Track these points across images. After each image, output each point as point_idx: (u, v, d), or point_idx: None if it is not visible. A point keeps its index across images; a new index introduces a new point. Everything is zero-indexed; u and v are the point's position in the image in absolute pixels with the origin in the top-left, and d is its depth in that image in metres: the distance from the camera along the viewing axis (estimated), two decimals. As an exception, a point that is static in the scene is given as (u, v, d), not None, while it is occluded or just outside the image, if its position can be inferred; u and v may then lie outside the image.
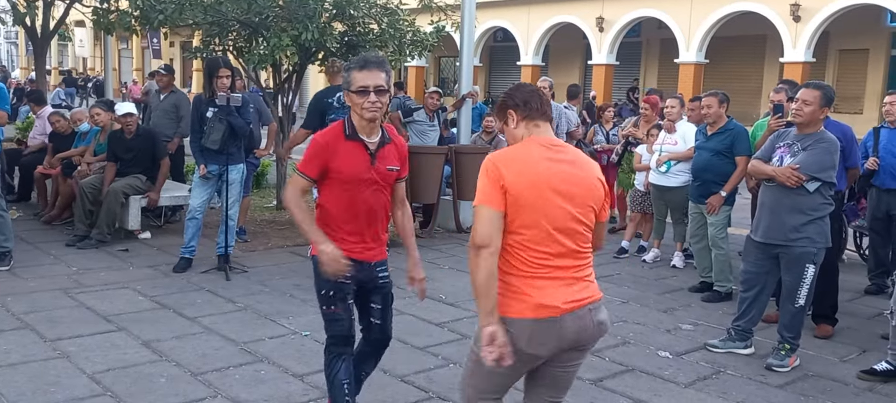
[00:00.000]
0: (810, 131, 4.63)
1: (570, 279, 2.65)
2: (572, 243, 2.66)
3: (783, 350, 4.70)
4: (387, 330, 3.54)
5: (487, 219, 2.58)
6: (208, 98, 6.37)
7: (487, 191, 2.60)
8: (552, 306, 2.59)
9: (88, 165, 7.80)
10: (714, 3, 20.02)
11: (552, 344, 2.63)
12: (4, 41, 52.30)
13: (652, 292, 6.41)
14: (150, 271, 6.44)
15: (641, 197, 7.74)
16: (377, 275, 3.45)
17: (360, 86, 3.22)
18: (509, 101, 2.78)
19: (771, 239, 4.70)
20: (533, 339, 2.60)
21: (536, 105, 2.75)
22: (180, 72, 34.39)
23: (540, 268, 2.61)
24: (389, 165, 3.37)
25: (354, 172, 3.28)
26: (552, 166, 2.65)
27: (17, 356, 4.42)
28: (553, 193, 2.61)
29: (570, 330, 2.63)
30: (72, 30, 25.98)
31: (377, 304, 3.49)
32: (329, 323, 3.39)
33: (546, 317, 2.59)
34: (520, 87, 2.83)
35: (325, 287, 3.33)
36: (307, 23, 8.12)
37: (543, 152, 2.68)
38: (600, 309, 2.75)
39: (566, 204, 2.63)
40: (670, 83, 21.47)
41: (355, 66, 3.25)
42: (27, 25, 12.29)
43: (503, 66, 28.38)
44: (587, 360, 4.66)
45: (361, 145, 3.30)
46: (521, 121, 2.75)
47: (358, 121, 3.31)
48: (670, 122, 7.15)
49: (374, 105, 3.23)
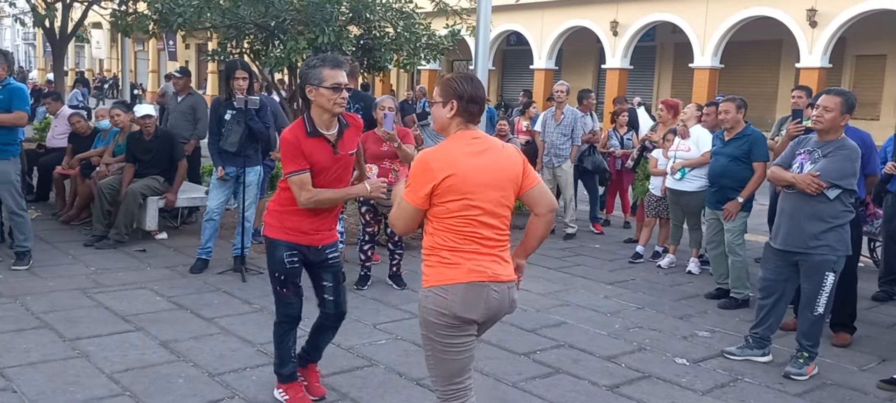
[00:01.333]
0: (831, 138, 4.60)
1: (494, 255, 2.93)
2: (497, 224, 2.93)
3: (801, 359, 4.68)
4: (341, 305, 3.90)
5: (406, 214, 2.93)
6: (226, 100, 6.41)
7: (413, 188, 2.88)
8: (481, 271, 2.88)
9: (107, 166, 7.86)
10: (730, 8, 19.92)
11: (481, 309, 2.89)
12: (23, 42, 52.77)
13: (667, 298, 6.38)
14: (168, 272, 6.48)
15: (657, 201, 7.72)
16: (327, 256, 3.81)
17: (334, 82, 3.54)
18: (459, 90, 2.92)
19: (790, 247, 4.67)
20: (466, 302, 2.86)
21: (475, 111, 2.94)
22: (195, 74, 34.60)
23: (471, 243, 2.89)
24: (350, 150, 3.75)
25: (321, 165, 3.62)
26: (481, 160, 2.89)
27: (37, 355, 4.46)
28: (482, 186, 2.87)
29: (494, 299, 2.91)
30: (89, 31, 26.23)
31: (329, 282, 3.84)
32: (280, 304, 3.82)
33: (476, 281, 2.87)
34: (475, 87, 2.94)
35: (277, 270, 3.73)
36: (324, 26, 8.17)
37: (472, 147, 2.91)
38: (514, 288, 3.03)
39: (491, 191, 2.90)
40: (685, 88, 21.39)
41: (328, 65, 3.55)
42: (46, 27, 12.41)
43: (516, 69, 28.34)
44: (603, 366, 4.69)
45: (323, 139, 3.63)
46: (458, 116, 2.93)
47: (320, 116, 3.61)
48: (684, 127, 7.13)
49: (344, 100, 3.59)
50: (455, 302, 2.85)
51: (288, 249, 3.71)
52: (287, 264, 3.70)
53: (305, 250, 3.75)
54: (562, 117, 8.61)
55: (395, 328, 5.28)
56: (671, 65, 24.72)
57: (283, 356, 3.91)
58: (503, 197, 2.94)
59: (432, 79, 28.31)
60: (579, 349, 5.03)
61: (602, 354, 4.94)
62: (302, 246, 3.74)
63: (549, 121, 8.73)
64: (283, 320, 3.86)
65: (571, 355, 4.92)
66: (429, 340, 2.96)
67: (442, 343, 2.92)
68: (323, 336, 4.01)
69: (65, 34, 13.02)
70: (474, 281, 2.87)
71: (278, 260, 3.72)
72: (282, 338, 3.89)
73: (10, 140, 6.21)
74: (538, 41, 24.67)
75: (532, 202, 3.03)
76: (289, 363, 3.92)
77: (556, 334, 5.30)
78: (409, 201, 2.90)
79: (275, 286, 3.80)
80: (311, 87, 3.58)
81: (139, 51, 41.69)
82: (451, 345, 2.92)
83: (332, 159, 3.65)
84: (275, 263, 3.74)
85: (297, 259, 3.74)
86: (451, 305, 2.85)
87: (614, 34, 22.52)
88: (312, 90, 3.58)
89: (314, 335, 4.01)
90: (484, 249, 2.90)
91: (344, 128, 3.72)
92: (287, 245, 3.71)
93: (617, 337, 5.31)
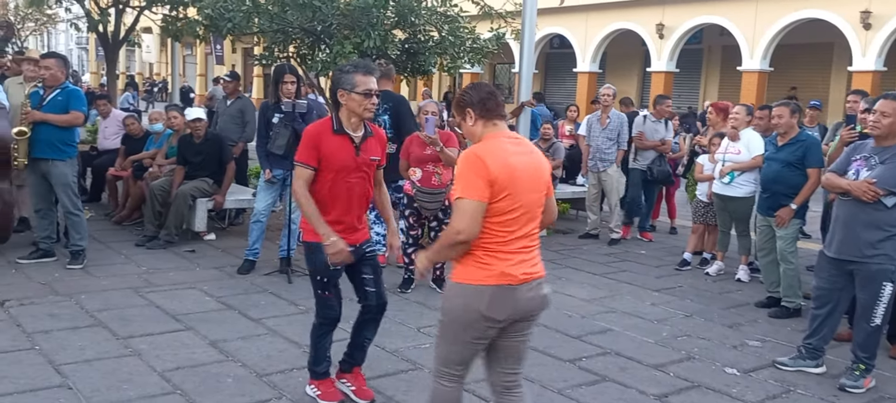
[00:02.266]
0: (888, 143, 4.47)
1: (525, 255, 2.96)
2: (532, 224, 2.98)
3: (857, 371, 4.55)
4: (382, 296, 3.95)
5: (472, 213, 2.83)
6: (274, 104, 6.50)
7: (472, 184, 2.83)
8: (512, 275, 2.90)
9: (159, 167, 8.03)
10: (780, 10, 19.52)
11: (508, 310, 2.92)
12: (76, 46, 54.25)
13: (716, 306, 6.27)
14: (216, 272, 6.59)
15: (704, 208, 7.59)
16: (364, 252, 3.88)
17: (366, 88, 3.68)
18: (467, 99, 3.02)
19: (845, 255, 4.55)
20: (492, 304, 2.89)
21: (492, 105, 3.00)
22: (243, 77, 35.13)
23: (505, 244, 2.90)
24: (372, 155, 3.84)
25: (342, 162, 3.73)
26: (520, 158, 2.94)
27: (92, 352, 4.57)
28: (524, 184, 2.90)
29: (523, 299, 2.94)
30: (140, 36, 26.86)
31: (368, 274, 3.89)
32: (322, 306, 3.89)
33: (506, 284, 2.89)
34: (477, 87, 3.05)
35: (319, 273, 3.81)
36: (369, 30, 8.22)
37: (512, 145, 2.96)
38: (546, 284, 3.06)
39: (532, 193, 2.95)
40: (733, 91, 21.02)
41: (360, 71, 3.70)
42: (99, 32, 12.74)
43: (559, 72, 28.19)
44: (650, 375, 4.63)
45: (347, 138, 3.76)
46: (479, 119, 3.00)
47: (348, 117, 3.76)
48: (734, 130, 6.99)
49: (374, 105, 3.74)
50: (482, 302, 2.89)
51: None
52: (330, 266, 3.75)
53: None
54: (607, 121, 8.52)
55: (439, 332, 5.28)
56: (718, 68, 24.34)
57: (318, 354, 3.98)
58: (540, 199, 3.00)
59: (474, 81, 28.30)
60: (626, 356, 4.97)
61: (649, 362, 4.87)
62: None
63: (594, 125, 8.65)
64: (323, 321, 3.91)
65: (618, 363, 4.86)
66: (447, 326, 3.03)
67: (460, 334, 2.98)
68: (365, 331, 4.02)
69: (117, 39, 13.34)
70: (504, 285, 2.90)
71: (321, 262, 3.76)
72: (320, 339, 3.96)
73: (68, 140, 6.39)
74: (582, 44, 24.50)
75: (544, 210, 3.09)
76: (323, 361, 3.99)
77: (603, 341, 5.24)
78: (471, 197, 2.83)
79: (316, 288, 3.86)
80: (343, 92, 3.72)
81: (188, 55, 42.54)
82: (470, 339, 2.98)
83: (353, 159, 3.76)
84: (317, 266, 3.80)
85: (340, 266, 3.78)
86: (478, 305, 2.90)
87: (660, 37, 22.26)
88: (344, 94, 3.72)
89: (356, 333, 4.03)
90: (517, 249, 2.92)
91: (368, 135, 3.84)
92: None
93: (665, 345, 5.24)
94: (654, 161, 8.61)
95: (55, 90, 6.29)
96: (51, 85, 6.29)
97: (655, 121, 8.65)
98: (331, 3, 8.46)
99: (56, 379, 4.15)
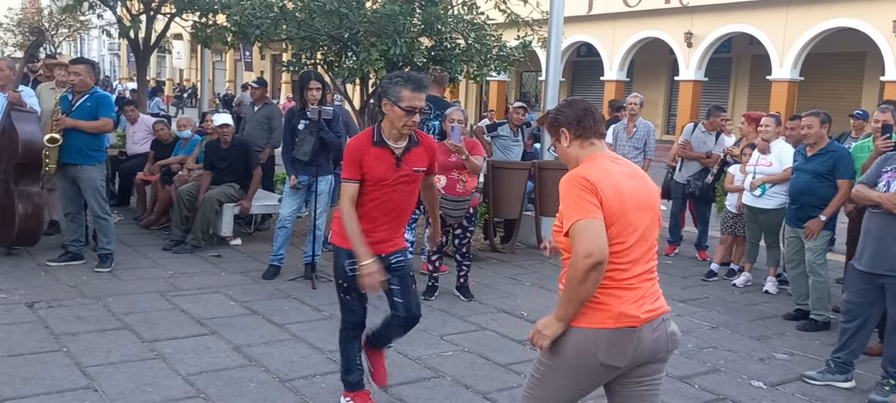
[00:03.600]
0: None
1: (645, 290, 2.64)
2: (649, 255, 2.67)
3: (888, 386, 4.45)
4: (411, 308, 3.81)
5: (596, 231, 2.49)
6: (300, 110, 6.54)
7: (584, 205, 2.52)
8: (632, 316, 2.58)
9: (189, 171, 8.12)
10: (810, 19, 19.28)
11: (629, 355, 2.60)
12: (108, 53, 55.15)
13: (743, 318, 6.18)
14: (241, 277, 6.64)
15: (733, 219, 7.49)
16: (391, 262, 3.75)
17: (409, 105, 3.55)
18: (561, 119, 2.74)
19: (876, 269, 4.47)
20: (610, 349, 2.58)
21: (589, 123, 2.71)
22: (271, 83, 35.48)
23: (621, 279, 2.59)
24: (416, 166, 3.71)
25: (381, 174, 3.62)
26: (628, 181, 2.64)
27: (118, 355, 4.62)
28: (635, 207, 2.61)
29: (647, 341, 2.62)
30: (171, 42, 27.21)
31: (395, 285, 3.77)
32: (344, 309, 3.87)
33: (625, 327, 2.58)
34: (572, 104, 2.77)
35: (340, 277, 3.78)
36: (396, 38, 8.25)
37: (616, 167, 2.66)
38: (671, 321, 2.74)
39: (643, 216, 2.63)
40: (762, 101, 20.79)
41: (409, 86, 3.55)
42: (130, 38, 12.92)
43: (587, 80, 28.09)
44: (676, 387, 4.57)
45: (388, 150, 3.65)
46: (575, 140, 2.72)
47: (389, 129, 3.65)
48: (765, 142, 6.90)
49: (415, 124, 3.62)
50: (600, 348, 2.58)
51: (349, 257, 3.69)
52: (348, 271, 3.71)
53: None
54: (634, 130, 8.46)
55: (462, 339, 5.27)
56: (748, 77, 24.09)
57: (348, 363, 3.95)
58: (652, 223, 2.68)
59: (501, 90, 28.33)
60: (650, 367, 4.90)
61: (675, 374, 4.81)
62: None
63: (621, 134, 8.58)
64: (346, 326, 3.90)
65: (642, 373, 4.80)
66: (553, 370, 2.67)
67: (569, 381, 2.65)
68: (391, 330, 3.93)
69: (148, 45, 13.53)
70: (624, 327, 2.58)
71: (340, 267, 3.76)
72: (347, 345, 3.93)
73: (97, 146, 6.48)
74: (609, 52, 24.40)
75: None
76: (354, 370, 3.95)
77: (627, 351, 5.18)
78: (586, 216, 2.49)
79: (339, 292, 3.85)
80: (387, 102, 3.60)
81: (217, 61, 43.06)
82: (579, 387, 2.67)
83: (392, 170, 3.64)
84: (338, 270, 3.79)
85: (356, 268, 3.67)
86: (595, 350, 2.58)
87: (689, 45, 22.09)
88: (388, 104, 3.60)
89: (383, 325, 3.94)
90: (635, 284, 2.61)
91: (413, 144, 3.72)
92: (348, 253, 3.69)
93: (690, 357, 5.17)
94: (695, 174, 8.17)
95: (84, 95, 6.39)
96: (80, 90, 6.40)
97: (706, 132, 8.25)
98: (358, 11, 8.51)
99: (82, 381, 4.21)
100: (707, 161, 8.15)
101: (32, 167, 6.47)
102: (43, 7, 36.47)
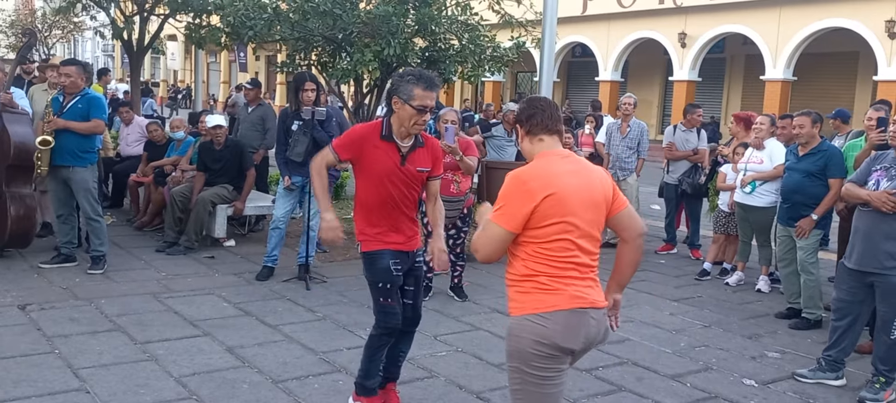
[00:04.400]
0: None
1: (589, 280, 2.78)
2: (592, 247, 2.79)
3: (878, 384, 4.48)
4: (418, 310, 3.90)
5: (498, 240, 2.71)
6: (294, 111, 6.54)
7: (512, 213, 2.69)
8: (582, 297, 2.71)
9: (183, 173, 8.11)
10: (803, 19, 19.33)
11: (581, 338, 2.72)
12: (102, 54, 55.01)
13: (735, 317, 6.20)
14: (235, 278, 6.64)
15: (725, 217, 7.52)
16: (415, 262, 3.81)
17: (421, 104, 3.54)
18: (517, 116, 2.93)
19: (865, 267, 4.49)
20: (568, 331, 2.68)
21: (538, 120, 2.84)
22: (265, 84, 35.46)
23: (570, 268, 2.72)
24: (419, 166, 3.70)
25: (384, 169, 3.62)
26: (572, 179, 2.75)
27: (110, 357, 4.61)
28: (578, 204, 2.72)
29: (593, 326, 2.75)
30: (164, 44, 27.16)
31: (411, 286, 3.83)
32: (383, 314, 3.73)
33: (578, 307, 2.70)
34: (529, 102, 2.92)
35: (381, 279, 3.68)
36: (390, 38, 8.26)
37: (562, 166, 2.77)
38: (607, 316, 2.89)
39: (588, 212, 2.75)
40: (756, 101, 20.83)
41: (422, 84, 3.54)
42: (124, 39, 12.90)
43: (581, 81, 28.12)
44: (667, 385, 4.58)
45: (394, 146, 3.65)
46: (526, 136, 2.87)
47: (398, 127, 3.61)
48: (758, 140, 6.93)
49: (424, 123, 3.60)
50: (556, 330, 2.65)
51: (393, 258, 3.68)
52: (394, 272, 3.66)
53: (404, 257, 3.74)
54: (628, 130, 8.48)
55: (455, 340, 5.28)
56: (741, 77, 24.13)
57: (371, 368, 3.85)
58: (598, 217, 2.79)
59: (496, 90, 28.33)
60: (643, 367, 4.92)
61: (667, 373, 4.83)
62: (401, 253, 3.72)
63: (614, 134, 8.61)
64: (383, 331, 3.75)
65: (635, 372, 4.82)
66: (520, 372, 2.72)
67: (536, 376, 2.69)
68: (401, 344, 3.93)
69: (142, 46, 13.51)
70: (577, 308, 2.69)
71: (384, 268, 3.66)
72: (375, 351, 3.81)
73: (88, 148, 6.48)
74: (604, 53, 24.42)
75: (620, 226, 2.88)
76: (375, 375, 3.87)
77: (620, 351, 5.20)
78: (502, 225, 2.69)
79: (379, 296, 3.71)
80: (398, 99, 3.58)
81: (211, 62, 43.03)
82: (547, 378, 2.70)
83: (396, 168, 3.64)
84: (380, 273, 3.67)
85: (401, 267, 3.71)
86: (552, 334, 2.65)
87: (682, 46, 22.12)
88: (398, 102, 3.58)
89: (393, 346, 3.90)
90: (582, 273, 2.74)
91: (419, 145, 3.71)
92: (392, 253, 3.67)
93: (682, 356, 5.19)
94: (686, 173, 8.29)
95: (75, 97, 6.38)
96: (71, 92, 6.38)
97: (686, 130, 8.39)
98: (351, 12, 8.52)
99: (74, 383, 4.20)
100: (694, 157, 8.28)
101: (24, 169, 6.46)
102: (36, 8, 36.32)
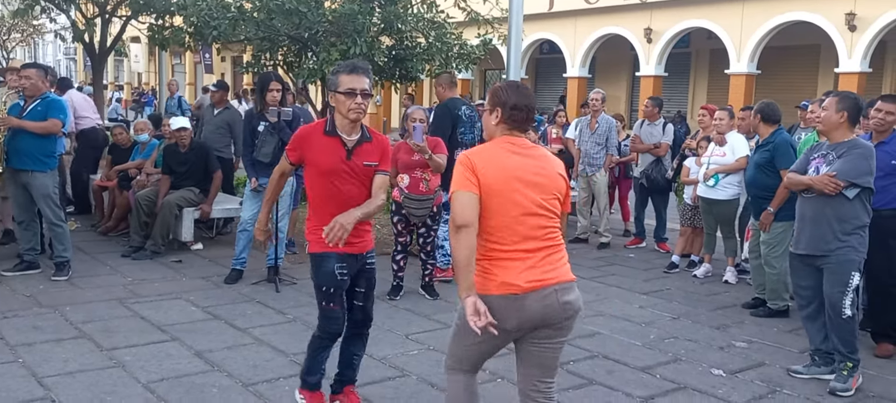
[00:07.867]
0: (840, 139, 4.56)
1: (535, 261, 2.86)
2: (538, 227, 2.88)
3: (845, 370, 4.53)
4: (369, 312, 3.89)
5: (465, 202, 2.82)
6: (260, 112, 6.48)
7: (462, 180, 2.84)
8: (514, 284, 2.83)
9: (147, 176, 7.99)
10: (766, 13, 19.63)
11: (514, 320, 2.86)
12: (64, 57, 54.05)
13: (703, 308, 6.28)
14: (203, 282, 6.56)
15: (691, 210, 7.61)
16: (365, 263, 3.80)
17: (348, 88, 3.55)
18: (502, 97, 2.97)
19: (813, 251, 4.58)
20: (498, 313, 2.82)
21: (519, 117, 2.95)
22: (232, 85, 35.07)
23: (507, 251, 2.85)
24: (366, 160, 3.68)
25: (330, 165, 3.62)
26: (519, 159, 2.89)
27: (75, 364, 4.53)
28: (519, 182, 2.86)
29: (534, 308, 2.85)
30: (128, 46, 26.75)
31: (361, 288, 3.83)
32: (326, 319, 3.73)
33: (507, 294, 2.84)
34: (519, 92, 2.97)
35: (325, 283, 3.66)
36: (356, 37, 8.22)
37: (511, 148, 2.92)
38: (569, 290, 2.94)
39: (531, 192, 2.87)
40: (721, 94, 21.11)
41: (344, 71, 3.58)
42: (86, 42, 12.68)
43: (549, 78, 28.27)
44: (637, 377, 4.62)
45: (339, 141, 3.65)
46: (503, 123, 2.96)
47: (340, 120, 3.66)
48: (719, 135, 7.02)
49: (360, 107, 3.57)
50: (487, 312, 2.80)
51: (339, 261, 3.63)
52: (338, 276, 3.63)
53: (351, 260, 3.70)
54: (596, 126, 8.53)
55: (427, 338, 5.27)
56: (707, 71, 24.44)
57: (313, 365, 3.87)
58: (545, 199, 2.90)
59: (465, 88, 28.34)
60: (613, 360, 4.96)
61: (636, 365, 4.87)
62: (349, 256, 3.68)
63: (584, 130, 8.65)
64: (324, 335, 3.75)
65: (605, 366, 4.86)
66: (459, 328, 3.03)
67: (470, 338, 2.92)
68: (353, 347, 3.93)
69: (104, 49, 13.29)
70: (506, 294, 2.84)
71: (329, 272, 3.62)
72: (317, 351, 3.82)
73: (48, 152, 6.33)
74: (571, 49, 24.56)
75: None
76: (317, 372, 3.89)
77: (590, 344, 5.24)
78: (463, 188, 2.82)
79: (321, 300, 3.70)
80: (331, 93, 3.64)
81: (176, 64, 42.45)
82: (478, 343, 2.96)
83: (343, 162, 3.62)
84: (325, 276, 3.64)
85: (346, 271, 3.67)
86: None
87: (648, 41, 22.34)
88: (332, 95, 3.63)
89: (344, 349, 3.92)
90: (520, 256, 2.85)
91: (366, 139, 3.70)
92: (338, 257, 3.62)
93: (652, 348, 5.24)
94: (648, 166, 8.38)
95: (35, 100, 6.25)
96: (31, 95, 6.25)
97: (650, 124, 8.48)
98: (317, 10, 8.45)
99: (39, 392, 4.12)
100: (656, 151, 8.38)
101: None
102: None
